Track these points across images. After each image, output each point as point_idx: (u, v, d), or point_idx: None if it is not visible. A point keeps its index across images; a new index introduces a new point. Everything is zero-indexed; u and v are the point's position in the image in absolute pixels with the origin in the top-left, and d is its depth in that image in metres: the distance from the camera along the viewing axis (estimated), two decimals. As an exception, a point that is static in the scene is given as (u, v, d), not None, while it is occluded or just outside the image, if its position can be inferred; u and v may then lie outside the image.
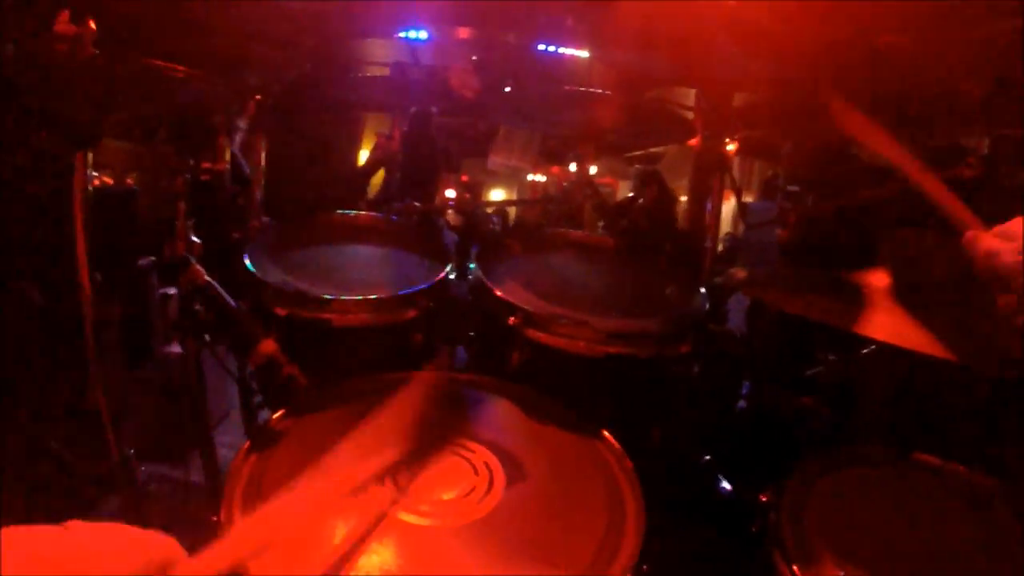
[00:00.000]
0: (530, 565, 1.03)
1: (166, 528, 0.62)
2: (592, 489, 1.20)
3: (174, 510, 2.28)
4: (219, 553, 0.64)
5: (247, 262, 1.75)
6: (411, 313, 1.69)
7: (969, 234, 1.11)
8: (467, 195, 4.85)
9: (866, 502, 1.35)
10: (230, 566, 0.63)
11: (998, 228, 1.08)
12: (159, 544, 0.60)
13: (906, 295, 1.49)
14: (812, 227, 2.50)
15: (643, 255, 2.12)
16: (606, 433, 1.35)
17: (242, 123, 3.31)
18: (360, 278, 1.82)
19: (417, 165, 3.64)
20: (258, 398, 1.85)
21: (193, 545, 0.64)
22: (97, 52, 1.66)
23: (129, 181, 3.75)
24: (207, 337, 1.81)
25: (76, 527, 0.57)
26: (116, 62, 1.73)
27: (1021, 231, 1.05)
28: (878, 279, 1.56)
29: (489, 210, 4.15)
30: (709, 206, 2.55)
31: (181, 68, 1.77)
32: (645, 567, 1.06)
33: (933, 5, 2.31)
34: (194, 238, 1.98)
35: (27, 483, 2.01)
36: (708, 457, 2.01)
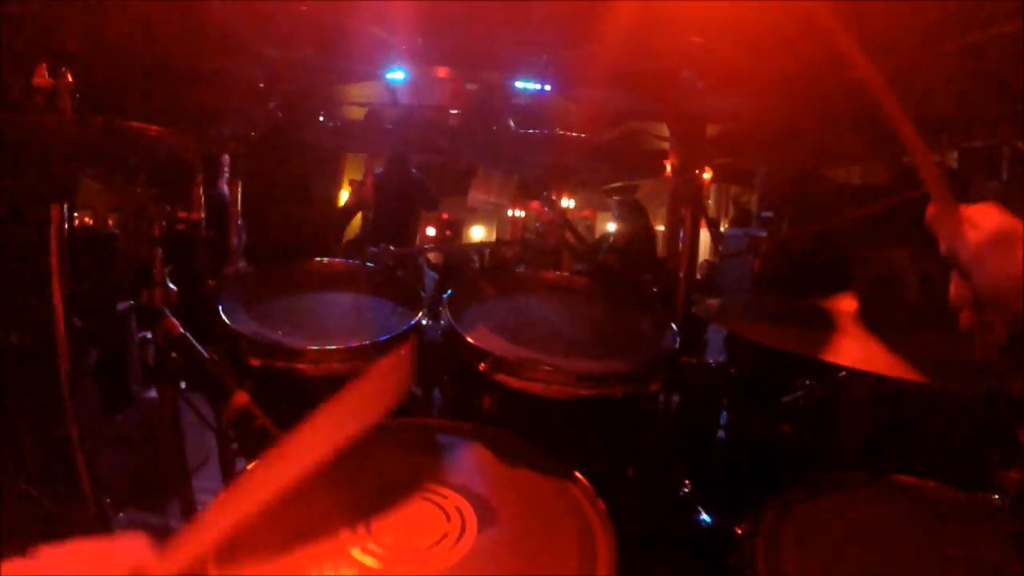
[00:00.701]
0: (503, 611, 1.03)
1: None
2: (564, 531, 1.21)
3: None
4: (186, 547, 0.64)
5: (220, 312, 1.76)
6: (381, 361, 1.69)
7: (937, 209, 1.10)
8: (448, 232, 4.89)
9: (843, 528, 1.35)
10: (198, 559, 0.64)
11: (967, 211, 1.07)
12: (126, 549, 0.61)
13: (876, 319, 1.51)
14: (784, 255, 2.53)
15: (615, 292, 2.14)
16: (578, 474, 1.35)
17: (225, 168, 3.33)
18: (333, 326, 1.84)
19: (394, 207, 3.68)
20: (235, 445, 1.84)
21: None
22: (74, 105, 1.68)
23: (110, 222, 3.75)
24: (183, 384, 1.82)
25: (43, 553, 0.58)
26: (91, 118, 1.75)
27: (986, 222, 1.04)
28: (847, 304, 1.59)
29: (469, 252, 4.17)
30: (682, 235, 2.57)
31: (154, 128, 1.79)
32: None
33: (899, 28, 2.36)
34: (171, 285, 1.99)
35: (2, 530, 1.99)
36: (687, 489, 2.01)
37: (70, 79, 1.67)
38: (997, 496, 1.41)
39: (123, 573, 0.60)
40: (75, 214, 2.70)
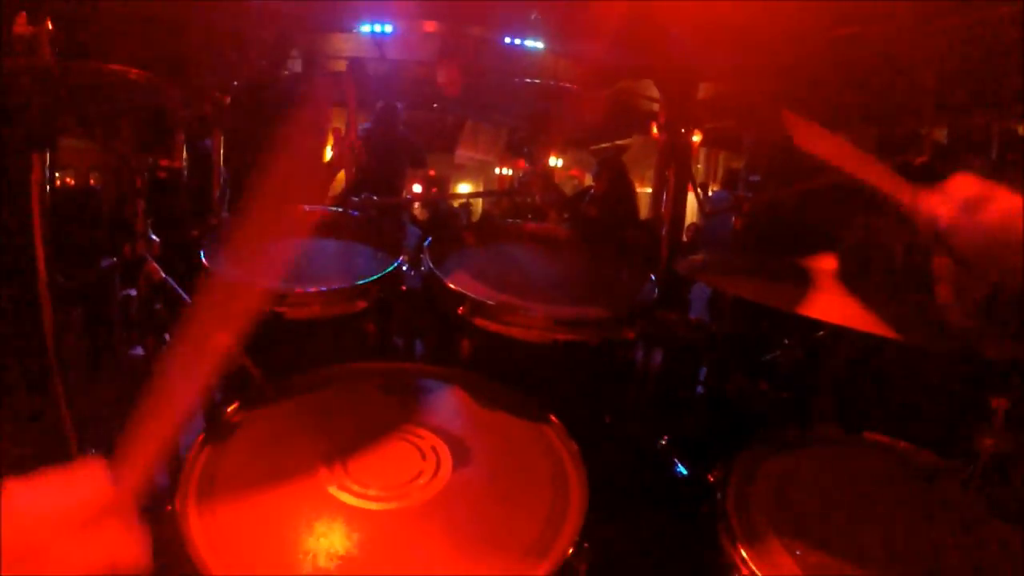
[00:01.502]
0: (475, 545, 1.05)
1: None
2: (538, 470, 1.23)
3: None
4: (131, 464, 0.65)
5: (202, 259, 1.75)
6: (362, 304, 1.70)
7: (908, 199, 1.13)
8: (434, 189, 4.86)
9: (815, 481, 1.37)
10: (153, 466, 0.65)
11: (940, 187, 1.10)
12: (90, 480, 0.62)
13: (855, 278, 1.52)
14: (766, 214, 2.54)
15: (596, 244, 2.15)
16: (552, 416, 1.37)
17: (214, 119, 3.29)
18: (313, 271, 1.83)
19: (380, 163, 3.65)
20: (217, 393, 1.85)
21: (155, 539, 0.65)
22: (53, 53, 1.65)
23: (92, 181, 3.72)
24: (167, 336, 1.81)
25: (8, 486, 0.59)
26: (71, 64, 1.72)
27: (958, 191, 1.07)
28: (826, 264, 1.60)
29: (456, 204, 4.16)
30: (666, 196, 2.57)
31: (135, 71, 1.76)
32: (586, 544, 1.08)
33: (897, 3, 2.35)
34: (153, 236, 1.98)
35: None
36: (664, 442, 2.04)
37: (50, 27, 1.64)
38: (971, 463, 1.44)
39: (84, 497, 0.61)
40: (56, 173, 2.67)
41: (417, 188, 4.14)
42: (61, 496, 0.61)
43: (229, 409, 1.36)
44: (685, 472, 1.91)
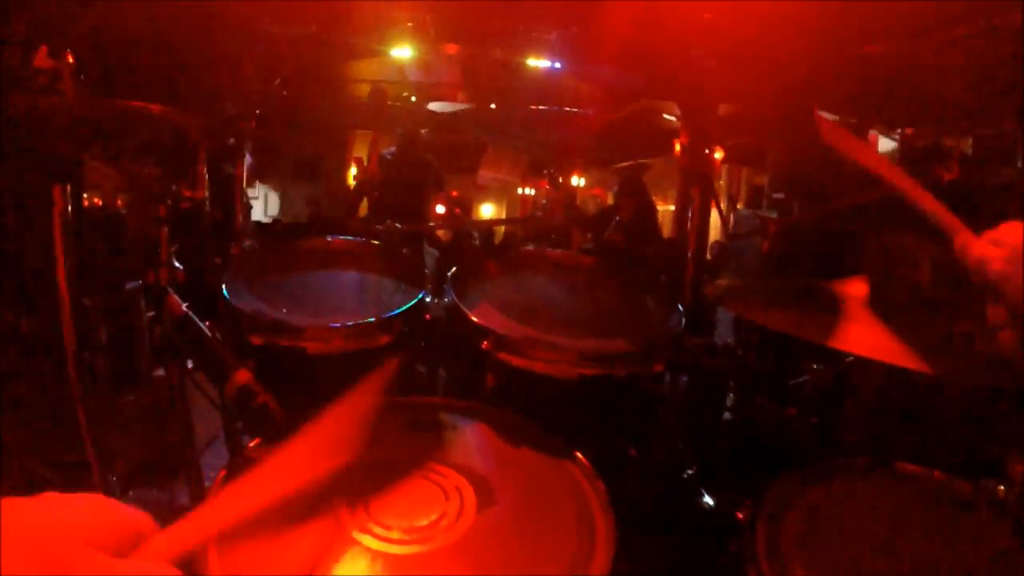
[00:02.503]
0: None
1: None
2: (563, 511, 1.21)
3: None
4: (189, 529, 0.64)
5: (224, 290, 1.76)
6: (385, 339, 1.70)
7: (960, 241, 1.10)
8: (457, 210, 4.88)
9: (846, 515, 1.33)
10: (200, 542, 0.64)
11: (990, 234, 1.07)
12: (133, 517, 0.61)
13: (886, 302, 1.49)
14: (793, 237, 2.51)
15: (621, 271, 2.13)
16: (579, 454, 1.35)
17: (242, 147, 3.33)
18: (336, 304, 1.83)
19: (403, 187, 3.66)
20: (240, 424, 1.85)
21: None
22: (75, 86, 1.67)
23: (119, 202, 3.77)
24: (189, 364, 1.82)
25: (50, 498, 0.57)
26: (93, 99, 1.74)
27: (1009, 239, 1.05)
28: (856, 289, 1.57)
29: (476, 230, 4.17)
30: (690, 215, 2.56)
31: (157, 106, 1.78)
32: (615, 587, 1.06)
33: (910, 9, 2.32)
34: (176, 264, 1.99)
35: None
36: (691, 472, 2.01)
37: (71, 60, 1.66)
38: (1003, 487, 1.40)
39: (124, 538, 0.60)
40: (84, 195, 2.71)
41: (440, 209, 4.16)
42: (103, 515, 0.58)
43: (251, 445, 1.35)
44: (712, 503, 1.88)
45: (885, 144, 4.29)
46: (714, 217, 2.75)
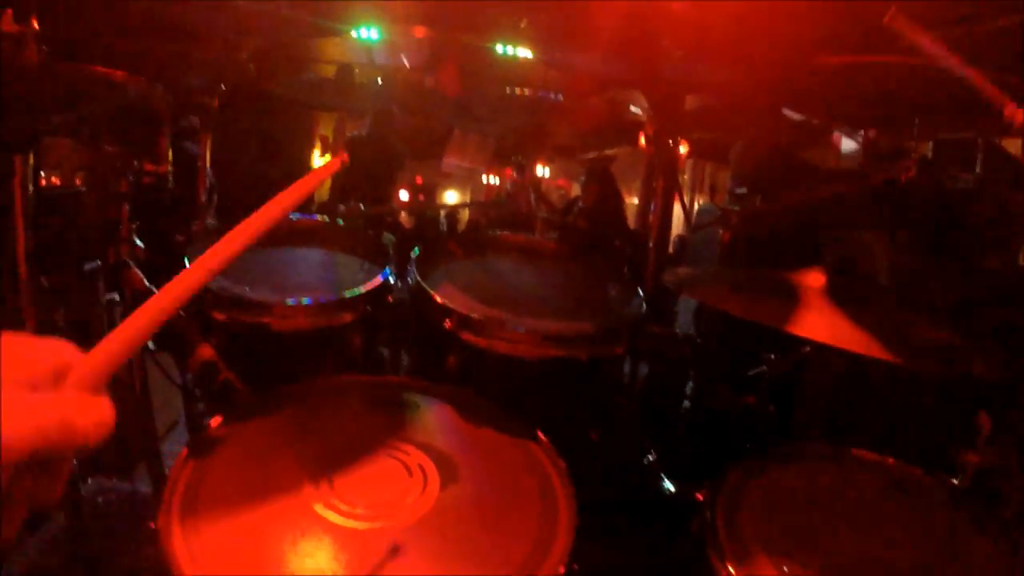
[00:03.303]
0: (462, 566, 1.04)
1: (113, 538, 0.60)
2: (525, 489, 1.22)
3: (121, 522, 2.24)
4: (111, 347, 0.61)
5: (186, 266, 1.72)
6: (348, 317, 1.69)
7: (1009, 110, 1.17)
8: (421, 196, 4.84)
9: (803, 498, 1.37)
10: (124, 358, 0.60)
11: None
12: (50, 349, 0.57)
13: (842, 294, 1.52)
14: (753, 228, 2.55)
15: (584, 257, 2.14)
16: (540, 434, 1.36)
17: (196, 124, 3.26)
18: (300, 282, 1.82)
19: (368, 168, 3.62)
20: (202, 406, 1.82)
21: (139, 558, 0.62)
22: (39, 53, 1.62)
23: (78, 181, 3.67)
24: (151, 344, 1.79)
25: None
26: (56, 65, 1.69)
27: None
28: (814, 279, 1.59)
29: (443, 212, 4.14)
30: (653, 207, 2.57)
31: (120, 73, 1.74)
32: (576, 566, 1.07)
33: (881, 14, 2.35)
34: (138, 242, 1.95)
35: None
36: (652, 457, 2.03)
37: (36, 26, 1.61)
38: (956, 479, 1.44)
39: (45, 367, 0.56)
40: (42, 173, 2.63)
41: (404, 195, 4.12)
42: (12, 351, 0.55)
43: (213, 423, 1.34)
44: (672, 489, 1.90)
45: (848, 144, 4.37)
46: (677, 211, 2.77)
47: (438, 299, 1.67)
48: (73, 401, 0.55)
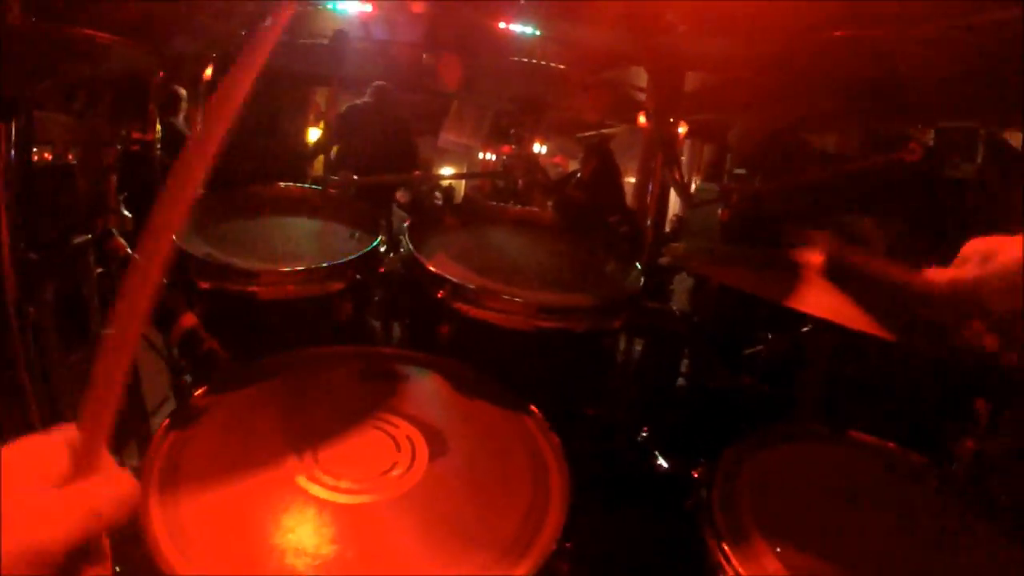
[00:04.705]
0: (450, 540, 1.00)
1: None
2: (517, 464, 1.19)
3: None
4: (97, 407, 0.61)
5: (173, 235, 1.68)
6: (338, 285, 1.65)
7: (925, 276, 1.13)
8: (417, 172, 4.80)
9: (800, 479, 1.35)
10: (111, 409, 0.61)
11: (955, 259, 1.10)
12: (56, 442, 0.58)
13: (841, 273, 1.49)
14: (754, 206, 2.51)
15: (582, 230, 2.10)
16: (533, 407, 1.33)
17: (183, 93, 3.21)
18: (288, 250, 1.78)
19: (367, 142, 3.57)
20: (188, 378, 1.79)
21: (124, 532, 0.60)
22: (26, 17, 1.58)
23: (70, 157, 3.63)
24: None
25: None
26: (41, 26, 1.65)
27: (970, 251, 1.07)
28: (814, 257, 1.57)
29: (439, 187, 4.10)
30: (650, 186, 2.54)
31: (107, 35, 1.69)
32: (568, 544, 1.04)
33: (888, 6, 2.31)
34: (125, 212, 1.91)
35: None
36: (646, 434, 2.01)
37: (21, -10, 1.56)
38: (952, 462, 1.43)
39: (64, 462, 0.57)
40: (35, 149, 2.59)
41: (399, 172, 4.07)
42: (33, 458, 0.56)
43: (196, 393, 1.30)
44: (666, 466, 1.88)
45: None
46: (674, 193, 2.74)
47: (431, 268, 1.63)
48: (96, 486, 0.57)
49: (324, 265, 1.67)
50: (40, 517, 0.52)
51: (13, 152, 1.73)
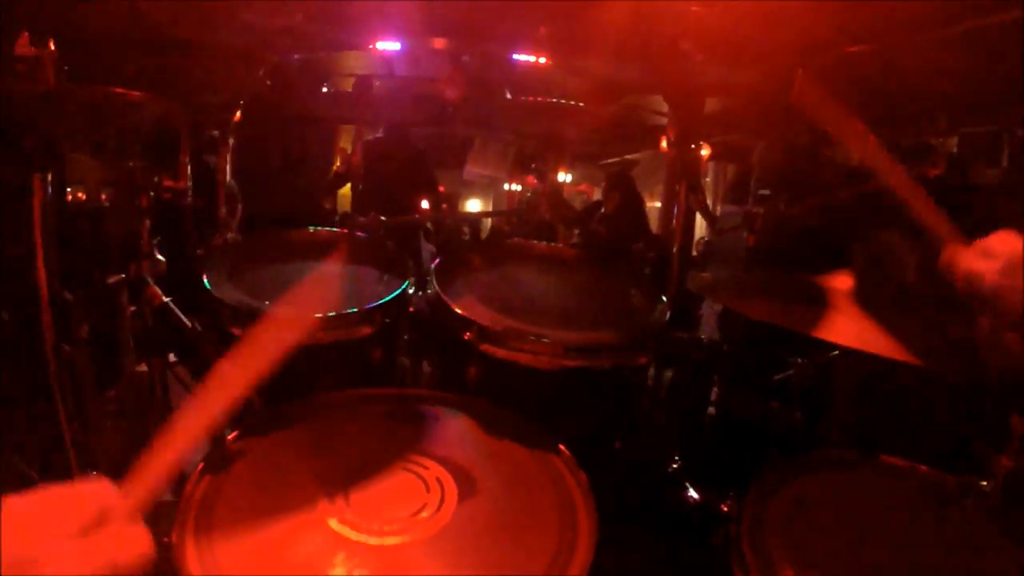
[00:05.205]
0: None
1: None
2: (545, 504, 1.19)
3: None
4: (146, 478, 0.68)
5: (205, 281, 1.73)
6: (367, 330, 1.68)
7: (948, 252, 1.06)
8: (444, 205, 4.85)
9: (831, 508, 1.33)
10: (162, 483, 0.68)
11: (980, 244, 1.02)
12: (87, 493, 0.63)
13: (872, 298, 1.48)
14: (779, 231, 2.51)
15: (606, 264, 2.12)
16: (562, 447, 1.33)
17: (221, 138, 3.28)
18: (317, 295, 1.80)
19: (386, 179, 3.63)
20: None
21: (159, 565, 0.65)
22: (57, 74, 1.64)
23: (102, 197, 3.73)
24: (172, 357, 1.79)
25: (8, 502, 0.59)
26: (73, 87, 1.71)
27: (1002, 249, 0.99)
28: (842, 282, 1.56)
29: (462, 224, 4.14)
30: (676, 211, 2.54)
31: (137, 93, 1.75)
32: (596, 581, 1.04)
33: (899, 8, 2.31)
34: (159, 256, 1.96)
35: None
36: (676, 465, 2.00)
37: (52, 48, 1.63)
38: (986, 482, 1.40)
39: (89, 515, 0.61)
40: (68, 189, 2.67)
41: (425, 204, 4.12)
42: (62, 507, 0.61)
43: (229, 437, 1.33)
44: (697, 497, 1.87)
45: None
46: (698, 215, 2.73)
47: (458, 310, 1.65)
48: (115, 540, 0.61)
49: (353, 311, 1.70)
50: (59, 563, 0.56)
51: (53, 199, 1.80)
